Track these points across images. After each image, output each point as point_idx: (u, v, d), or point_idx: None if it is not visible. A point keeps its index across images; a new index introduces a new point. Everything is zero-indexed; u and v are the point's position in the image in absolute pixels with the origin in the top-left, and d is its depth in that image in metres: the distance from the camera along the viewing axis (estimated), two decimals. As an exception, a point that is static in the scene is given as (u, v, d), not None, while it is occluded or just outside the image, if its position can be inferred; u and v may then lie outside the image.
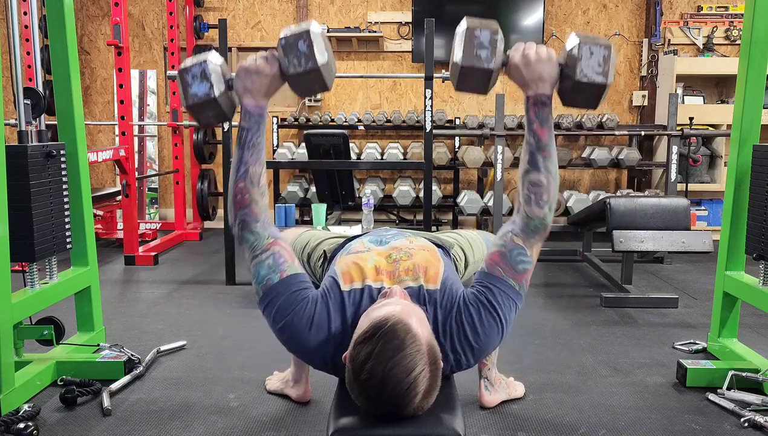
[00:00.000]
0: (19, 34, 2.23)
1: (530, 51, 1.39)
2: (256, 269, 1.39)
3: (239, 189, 1.40)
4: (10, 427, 1.85)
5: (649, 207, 3.27)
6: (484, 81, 1.38)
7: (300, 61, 1.37)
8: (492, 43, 1.35)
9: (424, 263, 1.46)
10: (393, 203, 5.18)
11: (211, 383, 2.28)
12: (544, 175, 1.39)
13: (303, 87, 1.42)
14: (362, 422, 1.23)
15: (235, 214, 1.41)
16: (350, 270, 1.44)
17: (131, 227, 4.18)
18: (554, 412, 2.06)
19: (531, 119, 1.40)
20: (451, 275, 1.48)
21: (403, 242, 1.57)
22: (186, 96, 1.41)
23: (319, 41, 1.37)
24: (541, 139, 1.40)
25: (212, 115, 1.44)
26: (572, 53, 1.36)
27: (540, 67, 1.38)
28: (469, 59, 1.35)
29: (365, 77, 4.86)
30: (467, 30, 1.35)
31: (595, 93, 1.37)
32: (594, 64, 1.33)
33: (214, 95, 1.40)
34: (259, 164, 1.42)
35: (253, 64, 1.40)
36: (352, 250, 1.57)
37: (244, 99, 1.42)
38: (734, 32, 5.42)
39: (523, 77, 1.40)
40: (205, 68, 1.39)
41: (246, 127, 1.42)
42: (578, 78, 1.34)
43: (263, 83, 1.41)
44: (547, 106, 1.40)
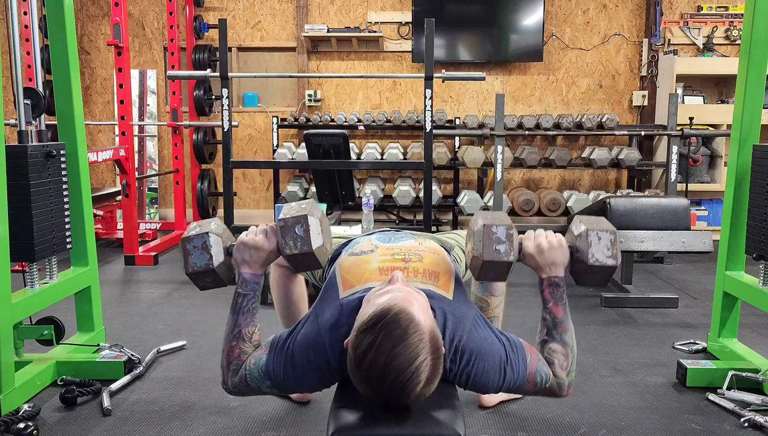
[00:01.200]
0: (19, 34, 2.23)
1: (542, 240, 1.49)
2: (252, 379, 1.43)
3: (231, 347, 1.49)
4: (10, 427, 1.85)
5: (649, 207, 3.27)
6: (504, 271, 1.49)
7: (296, 243, 1.47)
8: (508, 237, 1.46)
9: (435, 267, 1.49)
10: (393, 203, 5.18)
11: (211, 383, 2.28)
12: (562, 345, 1.47)
13: (297, 265, 1.52)
14: (362, 422, 1.23)
15: (227, 367, 1.48)
16: (351, 275, 1.45)
17: (131, 227, 4.18)
18: (554, 412, 2.06)
19: (546, 299, 1.50)
20: (462, 287, 1.51)
21: (413, 244, 1.58)
22: (186, 264, 1.53)
23: (316, 225, 1.47)
24: (557, 317, 1.48)
25: (210, 281, 1.56)
26: (581, 241, 1.48)
27: (553, 254, 1.48)
28: (490, 254, 1.45)
29: (365, 77, 4.87)
30: (484, 227, 1.45)
31: (606, 274, 1.50)
32: (603, 248, 1.47)
33: (213, 266, 1.51)
34: (252, 326, 1.50)
35: (253, 240, 1.50)
36: (356, 249, 1.58)
37: (241, 268, 1.51)
38: (734, 32, 5.42)
39: (537, 263, 1.50)
40: (206, 241, 1.51)
41: (242, 293, 1.50)
42: (591, 263, 1.47)
43: (261, 257, 1.50)
44: (561, 287, 1.49)
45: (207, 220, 1.59)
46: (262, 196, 5.89)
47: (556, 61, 5.64)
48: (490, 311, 1.85)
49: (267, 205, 5.82)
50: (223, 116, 3.59)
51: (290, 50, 5.67)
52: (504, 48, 5.55)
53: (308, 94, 5.61)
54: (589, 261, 1.47)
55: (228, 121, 3.60)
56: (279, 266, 1.97)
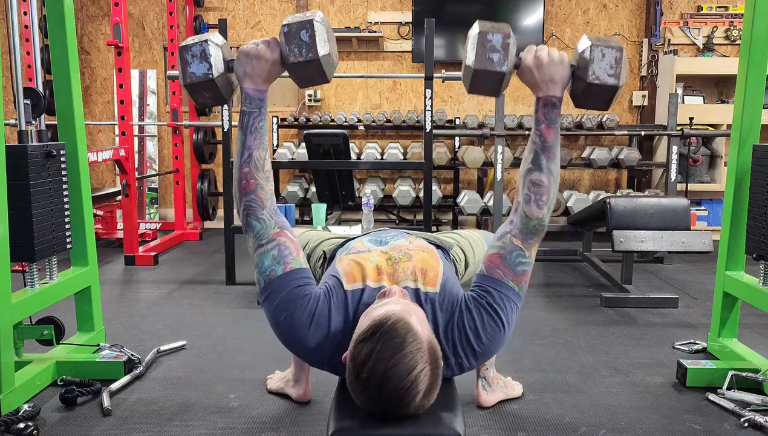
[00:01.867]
0: (19, 34, 2.23)
1: (542, 53, 1.40)
2: (260, 259, 1.37)
3: (244, 174, 1.40)
4: (10, 427, 1.85)
5: (649, 207, 3.27)
6: (497, 84, 1.40)
7: (301, 50, 1.37)
8: (504, 46, 1.36)
9: (423, 265, 1.46)
10: (393, 203, 5.18)
11: (211, 383, 2.28)
12: (546, 175, 1.40)
13: (302, 76, 1.42)
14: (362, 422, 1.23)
15: (241, 200, 1.40)
16: (353, 270, 1.44)
17: (131, 227, 4.18)
18: (554, 412, 2.06)
19: (539, 119, 1.42)
20: (451, 277, 1.48)
21: (403, 243, 1.57)
22: (184, 74, 1.41)
23: (322, 32, 1.38)
24: (547, 140, 1.41)
25: (209, 96, 1.44)
26: (584, 55, 1.38)
27: (552, 69, 1.40)
28: (481, 63, 1.36)
29: (365, 77, 4.86)
30: (480, 33, 1.36)
31: (607, 95, 1.39)
32: (606, 66, 1.36)
33: (212, 76, 1.40)
34: (262, 149, 1.42)
35: (254, 49, 1.40)
36: (352, 249, 1.57)
37: (244, 83, 1.42)
38: (734, 32, 5.42)
39: (534, 79, 1.42)
40: (205, 48, 1.39)
41: (247, 111, 1.42)
42: (590, 80, 1.36)
43: (263, 68, 1.41)
44: (557, 108, 1.41)
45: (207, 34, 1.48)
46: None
47: (556, 61, 5.63)
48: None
49: (267, 205, 5.82)
50: (223, 116, 3.60)
51: (290, 50, 5.66)
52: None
53: (308, 94, 5.61)
54: (588, 78, 1.36)
55: (228, 121, 3.60)
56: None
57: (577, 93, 1.43)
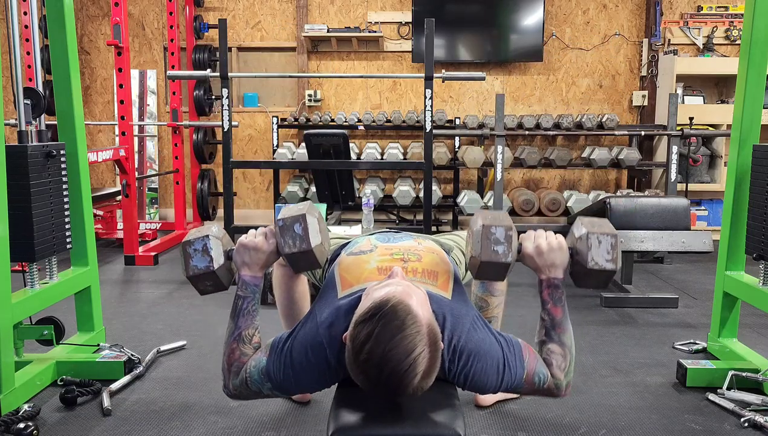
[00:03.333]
0: (19, 34, 2.23)
1: (541, 241, 1.48)
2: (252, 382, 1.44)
3: (232, 350, 1.50)
4: (10, 427, 1.85)
5: (649, 207, 3.27)
6: (503, 272, 1.48)
7: (295, 242, 1.48)
8: (507, 238, 1.45)
9: (434, 267, 1.49)
10: (393, 203, 5.18)
11: (211, 383, 2.28)
12: (560, 346, 1.47)
13: (296, 264, 1.53)
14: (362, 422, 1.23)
15: (228, 369, 1.49)
16: (350, 275, 1.46)
17: (131, 227, 4.17)
18: (554, 412, 2.06)
19: (545, 300, 1.50)
20: (461, 288, 1.51)
21: (412, 244, 1.59)
22: (187, 267, 1.53)
23: (314, 224, 1.48)
24: (555, 318, 1.48)
25: (210, 285, 1.56)
26: (581, 243, 1.48)
27: (552, 255, 1.48)
28: (488, 255, 1.45)
29: (365, 77, 4.87)
30: (483, 227, 1.45)
31: (605, 277, 1.50)
32: (603, 252, 1.47)
33: (214, 269, 1.52)
34: (252, 328, 1.51)
35: (252, 241, 1.51)
36: (355, 249, 1.58)
37: (241, 271, 1.52)
38: (734, 32, 5.42)
39: (536, 264, 1.50)
40: (206, 243, 1.52)
41: (243, 296, 1.51)
42: (590, 266, 1.47)
43: (260, 258, 1.51)
44: (560, 289, 1.49)
45: (206, 225, 1.61)
46: (262, 197, 5.89)
47: (556, 61, 5.64)
48: (490, 310, 1.85)
49: (267, 205, 5.82)
50: (223, 116, 3.59)
51: (290, 50, 5.67)
52: (504, 48, 5.55)
53: (308, 94, 5.61)
54: (588, 264, 1.47)
55: (228, 121, 3.60)
56: (281, 266, 1.97)
57: (576, 275, 1.54)
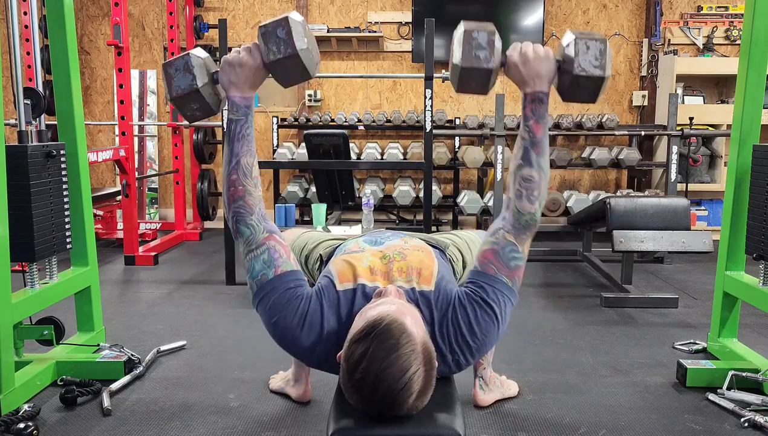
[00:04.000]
0: (19, 34, 2.23)
1: (527, 49, 1.42)
2: (251, 264, 1.39)
3: (232, 181, 1.43)
4: (10, 427, 1.85)
5: (649, 207, 3.27)
6: (484, 81, 1.41)
7: (279, 47, 1.40)
8: (489, 43, 1.38)
9: (418, 263, 1.47)
10: (393, 203, 5.18)
11: (211, 383, 2.28)
12: (536, 170, 1.42)
13: (285, 75, 1.44)
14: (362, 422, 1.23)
15: (230, 207, 1.43)
16: (345, 270, 1.45)
17: (131, 227, 4.18)
18: (554, 412, 2.06)
19: (527, 115, 1.43)
20: (447, 276, 1.48)
21: (398, 243, 1.58)
22: (170, 88, 1.43)
23: (299, 28, 1.40)
24: (536, 136, 1.42)
25: (197, 108, 1.47)
26: (569, 49, 1.39)
27: (538, 64, 1.41)
28: (468, 60, 1.38)
29: (365, 77, 4.86)
30: (465, 32, 1.38)
31: (593, 86, 1.40)
32: (591, 58, 1.37)
33: (197, 86, 1.42)
34: (250, 155, 1.44)
35: (236, 57, 1.43)
36: (346, 250, 1.58)
37: (230, 92, 1.45)
38: (734, 32, 5.42)
39: (521, 75, 1.42)
40: (188, 61, 1.42)
41: (234, 119, 1.45)
42: (576, 72, 1.37)
43: (247, 75, 1.43)
44: (544, 103, 1.42)
45: None
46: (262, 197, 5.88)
47: (556, 61, 5.64)
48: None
49: (267, 205, 5.79)
50: (223, 116, 3.60)
51: (290, 50, 5.66)
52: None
53: (308, 94, 5.61)
54: (575, 70, 1.37)
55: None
56: None
57: (564, 87, 1.44)
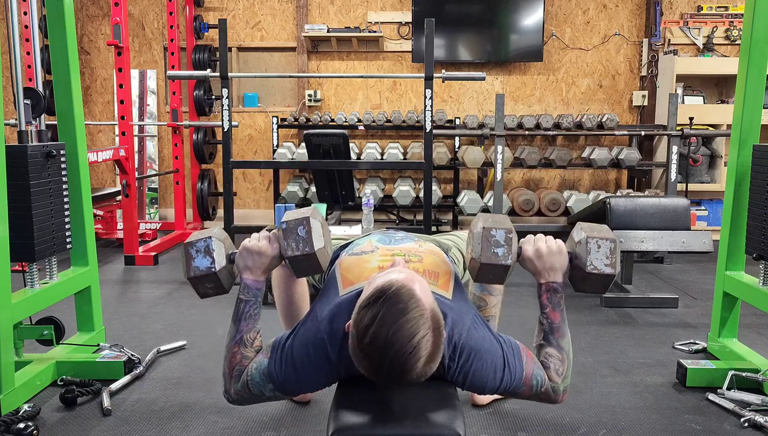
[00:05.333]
0: (19, 34, 2.23)
1: (541, 244, 1.49)
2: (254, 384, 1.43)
3: (233, 353, 1.49)
4: (10, 427, 1.85)
5: (649, 207, 3.27)
6: (502, 275, 1.49)
7: (298, 245, 1.47)
8: (507, 241, 1.46)
9: (435, 268, 1.50)
10: (393, 203, 5.18)
11: (211, 383, 2.28)
12: (558, 350, 1.47)
13: (299, 268, 1.52)
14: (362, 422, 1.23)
15: (230, 374, 1.49)
16: (351, 274, 1.46)
17: (131, 227, 4.17)
18: (554, 412, 2.06)
19: (544, 304, 1.50)
20: (461, 288, 1.52)
21: (413, 245, 1.60)
22: (188, 268, 1.51)
23: (318, 227, 1.48)
24: (554, 322, 1.48)
25: (210, 287, 1.54)
26: (580, 247, 1.49)
27: (551, 259, 1.49)
28: (488, 257, 1.46)
29: (365, 77, 4.86)
30: (483, 230, 1.46)
31: (604, 282, 1.50)
32: (602, 256, 1.47)
33: (215, 270, 1.50)
34: (254, 331, 1.50)
35: (256, 245, 1.49)
36: (356, 250, 1.59)
37: (243, 274, 1.51)
38: (734, 32, 5.42)
39: (536, 268, 1.50)
40: (209, 244, 1.50)
41: (244, 299, 1.50)
42: (589, 270, 1.47)
43: (263, 263, 1.50)
44: (559, 293, 1.50)
45: (208, 228, 1.59)
46: (262, 196, 5.89)
47: (556, 61, 5.64)
48: (488, 309, 1.85)
49: (267, 205, 5.82)
50: (223, 116, 3.59)
51: (290, 50, 5.67)
52: (504, 48, 5.55)
53: (308, 94, 5.61)
54: (587, 269, 1.48)
55: (228, 121, 3.60)
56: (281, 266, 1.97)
57: (575, 280, 1.54)
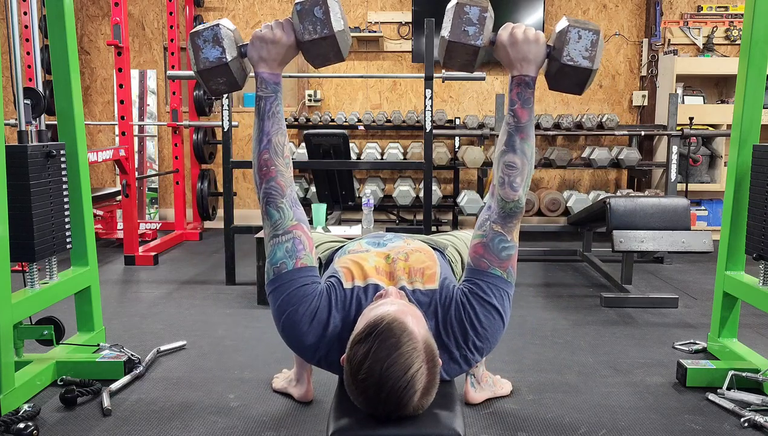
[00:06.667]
0: (19, 34, 2.23)
1: (518, 30, 1.38)
2: (273, 249, 1.38)
3: (264, 161, 1.39)
4: (10, 427, 1.85)
5: (649, 207, 3.27)
6: (471, 58, 1.38)
7: (316, 27, 1.36)
8: (480, 20, 1.35)
9: (420, 264, 1.47)
10: (393, 203, 5.18)
11: (211, 383, 2.28)
12: (520, 157, 1.39)
13: (317, 55, 1.41)
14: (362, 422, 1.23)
15: (261, 187, 1.40)
16: (351, 269, 1.45)
17: (131, 227, 4.17)
18: (554, 412, 2.06)
19: (513, 99, 1.40)
20: (449, 276, 1.49)
21: (400, 244, 1.59)
22: (197, 60, 1.39)
23: (336, 8, 1.37)
24: (521, 120, 1.39)
25: (223, 82, 1.42)
26: (561, 36, 1.35)
27: (526, 47, 1.37)
28: (456, 35, 1.35)
29: (365, 77, 4.86)
30: (457, 5, 1.35)
31: (580, 78, 1.36)
32: (581, 48, 1.33)
33: (226, 60, 1.38)
34: (281, 134, 1.41)
35: (269, 33, 1.39)
36: (350, 251, 1.59)
37: (259, 68, 1.41)
38: (734, 32, 5.42)
39: (509, 57, 1.39)
40: (217, 32, 1.37)
41: (264, 96, 1.41)
42: (564, 61, 1.34)
43: (279, 52, 1.40)
44: (531, 88, 1.38)
45: None
46: (262, 196, 5.88)
47: (556, 61, 5.64)
48: None
49: (267, 205, 5.82)
50: (223, 116, 3.59)
51: (290, 50, 5.67)
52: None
53: (308, 94, 5.61)
54: (562, 59, 1.33)
55: (228, 121, 3.60)
56: None
57: (550, 74, 1.40)
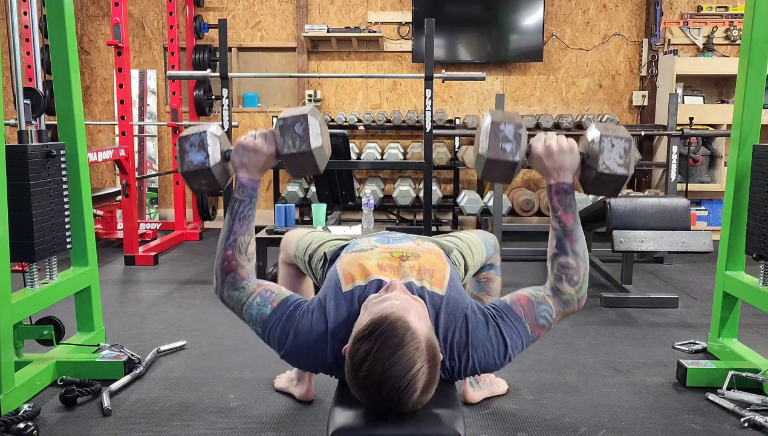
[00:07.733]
0: (19, 34, 2.23)
1: (552, 142, 1.42)
2: (248, 313, 1.45)
3: (227, 256, 1.47)
4: (10, 427, 1.85)
5: (649, 207, 3.26)
6: (509, 172, 1.43)
7: (295, 142, 1.44)
8: (516, 136, 1.40)
9: (431, 265, 1.48)
10: (393, 203, 5.18)
11: (211, 383, 2.28)
12: (573, 257, 1.44)
13: (295, 166, 1.49)
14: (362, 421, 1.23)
15: (222, 278, 1.48)
16: (352, 269, 1.46)
17: (131, 227, 4.18)
18: (554, 412, 2.06)
19: (555, 207, 1.45)
20: (457, 282, 1.50)
21: (410, 245, 1.60)
22: (182, 162, 1.47)
23: (315, 126, 1.44)
24: (567, 225, 1.44)
25: (204, 184, 1.50)
26: (593, 145, 1.41)
27: (562, 157, 1.42)
28: (495, 152, 1.40)
29: (365, 77, 4.86)
30: (492, 124, 1.40)
31: (616, 184, 1.42)
32: (615, 156, 1.39)
33: (209, 165, 1.46)
34: (248, 235, 1.48)
35: (252, 142, 1.46)
36: (356, 248, 1.59)
37: (239, 173, 1.48)
38: (734, 32, 5.42)
39: (545, 167, 1.43)
40: (204, 139, 1.46)
41: (239, 199, 1.48)
42: (600, 170, 1.39)
43: (259, 160, 1.47)
44: (570, 194, 1.44)
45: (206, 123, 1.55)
46: (261, 197, 5.89)
47: (556, 62, 5.64)
48: None
49: (267, 205, 5.82)
50: (223, 116, 3.60)
51: (290, 50, 5.67)
52: (504, 48, 5.55)
53: (308, 94, 5.61)
54: (599, 168, 1.39)
55: (228, 122, 3.60)
56: (287, 265, 1.97)
57: (587, 181, 1.46)
